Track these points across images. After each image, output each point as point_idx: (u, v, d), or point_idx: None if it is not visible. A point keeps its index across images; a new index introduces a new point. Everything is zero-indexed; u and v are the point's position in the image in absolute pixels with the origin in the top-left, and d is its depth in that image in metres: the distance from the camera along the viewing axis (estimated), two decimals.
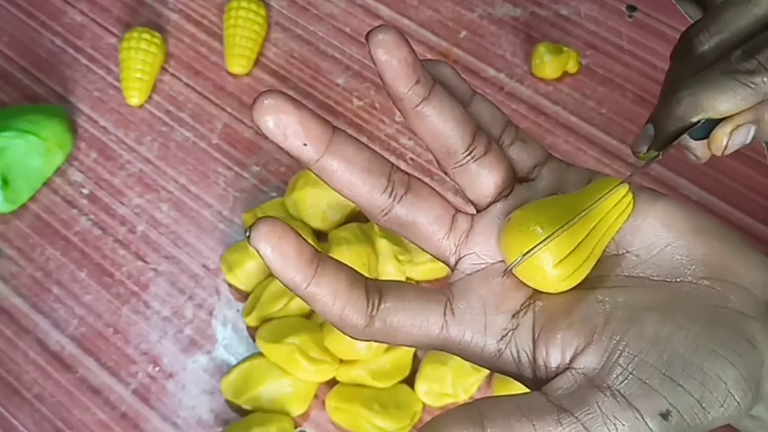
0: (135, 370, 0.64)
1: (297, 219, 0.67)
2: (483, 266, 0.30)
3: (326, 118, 0.79)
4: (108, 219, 0.71)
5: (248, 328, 0.65)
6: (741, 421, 0.28)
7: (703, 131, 0.33)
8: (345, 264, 0.28)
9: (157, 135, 0.74)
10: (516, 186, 0.30)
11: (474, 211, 0.31)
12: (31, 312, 0.67)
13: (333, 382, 0.62)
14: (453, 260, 0.30)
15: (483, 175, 0.29)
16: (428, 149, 0.29)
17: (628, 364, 0.25)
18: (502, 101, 0.74)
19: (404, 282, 0.29)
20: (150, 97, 0.76)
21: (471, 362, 0.29)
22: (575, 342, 0.26)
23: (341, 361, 0.62)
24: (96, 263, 0.69)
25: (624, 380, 0.25)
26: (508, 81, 0.75)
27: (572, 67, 0.75)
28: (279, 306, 0.62)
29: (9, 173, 0.69)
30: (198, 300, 0.67)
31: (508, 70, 0.76)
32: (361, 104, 0.75)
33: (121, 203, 0.71)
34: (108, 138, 0.74)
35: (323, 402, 0.62)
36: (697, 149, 0.35)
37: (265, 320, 0.63)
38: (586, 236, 0.28)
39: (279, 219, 0.26)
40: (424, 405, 0.61)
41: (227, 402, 0.63)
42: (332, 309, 0.27)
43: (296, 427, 0.61)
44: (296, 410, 0.61)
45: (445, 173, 0.30)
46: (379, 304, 0.27)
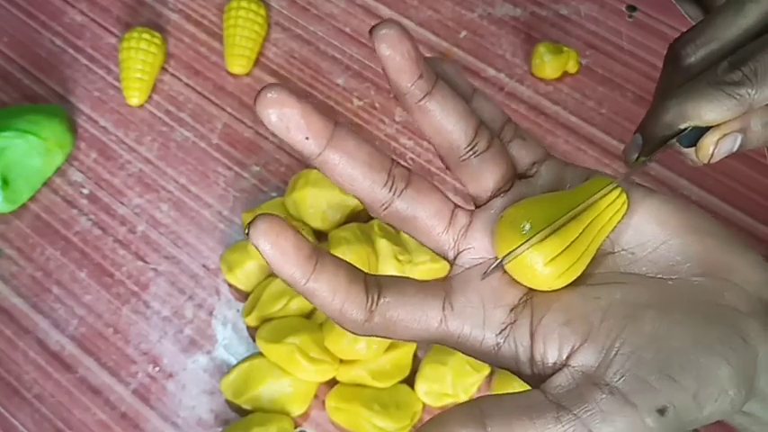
0: (135, 370, 0.64)
1: (297, 219, 0.67)
2: (481, 261, 0.30)
3: None
4: (108, 219, 0.71)
5: (248, 328, 0.65)
6: (734, 417, 0.28)
7: (691, 139, 0.33)
8: (344, 260, 0.28)
9: (157, 135, 0.74)
10: (516, 182, 0.31)
11: (473, 207, 0.31)
12: (31, 312, 0.67)
13: (333, 382, 0.62)
14: (452, 254, 0.30)
15: (485, 170, 0.30)
16: (431, 144, 0.30)
17: (625, 361, 0.25)
18: (502, 101, 0.74)
19: (403, 277, 0.29)
20: (150, 97, 0.76)
21: (470, 355, 0.29)
22: (572, 339, 0.27)
23: (341, 361, 0.62)
24: (96, 263, 0.69)
25: (622, 377, 0.25)
26: (508, 81, 0.75)
27: (572, 67, 0.75)
28: (279, 306, 0.62)
29: (9, 173, 0.69)
30: (198, 300, 0.67)
31: (508, 70, 0.76)
32: (361, 104, 0.75)
33: (121, 203, 0.71)
34: (108, 138, 0.74)
35: (323, 402, 0.62)
36: (690, 154, 0.35)
37: (265, 320, 0.63)
38: (580, 234, 0.28)
39: (277, 215, 0.26)
40: (424, 405, 0.61)
41: (227, 402, 0.63)
42: (331, 304, 0.27)
43: (296, 427, 0.61)
44: (296, 410, 0.61)
45: (447, 167, 0.30)
46: (378, 299, 0.28)
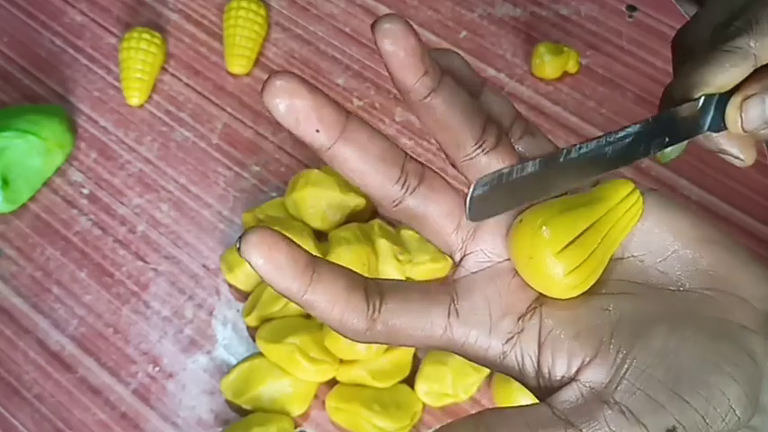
0: (135, 370, 0.64)
1: (297, 219, 0.67)
2: (489, 265, 0.29)
3: None
4: (108, 219, 0.70)
5: (248, 328, 0.65)
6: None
7: (719, 120, 0.32)
8: (343, 267, 0.27)
9: (157, 135, 0.74)
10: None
11: None
12: (31, 312, 0.67)
13: (333, 382, 0.62)
14: (459, 256, 0.29)
15: (492, 169, 0.28)
16: (435, 141, 0.28)
17: (635, 379, 0.25)
18: None
19: (406, 281, 0.28)
20: (150, 97, 0.76)
21: (473, 362, 0.28)
22: (581, 354, 0.26)
23: (341, 361, 0.61)
24: (96, 263, 0.69)
25: (632, 395, 0.24)
26: (508, 81, 0.75)
27: (572, 67, 0.75)
28: (279, 306, 0.62)
29: (9, 173, 0.69)
30: (198, 300, 0.67)
31: (508, 70, 0.76)
32: (361, 104, 0.75)
33: (121, 203, 0.71)
34: (108, 138, 0.74)
35: (323, 402, 0.62)
36: (731, 148, 0.33)
37: (265, 320, 0.63)
38: (599, 244, 0.28)
39: (268, 227, 0.25)
40: (424, 405, 0.61)
41: (227, 402, 0.63)
42: (331, 314, 0.26)
43: (296, 427, 0.61)
44: (296, 410, 0.61)
45: (453, 165, 0.29)
46: (380, 306, 0.26)
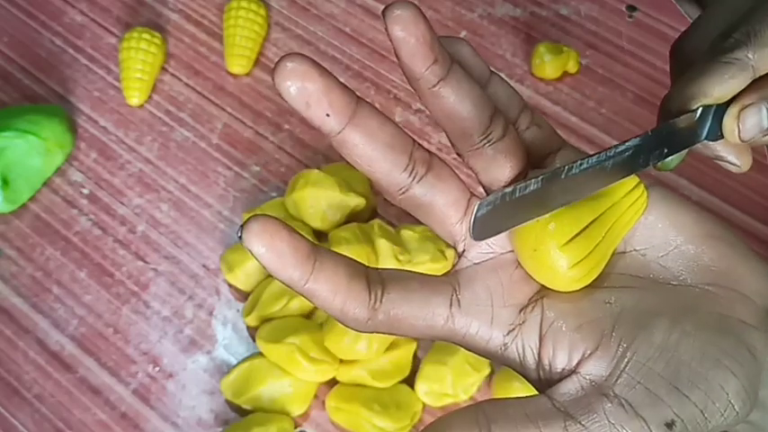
0: (135, 370, 0.64)
1: (297, 219, 0.67)
2: (492, 256, 0.29)
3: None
4: (108, 219, 0.70)
5: (248, 328, 0.65)
6: (734, 426, 0.28)
7: (715, 130, 0.32)
8: (345, 256, 0.27)
9: (157, 135, 0.74)
10: (530, 173, 0.29)
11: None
12: (31, 312, 0.67)
13: (333, 382, 0.62)
14: (462, 246, 0.29)
15: (498, 160, 0.28)
16: (443, 130, 0.28)
17: (635, 373, 0.25)
18: None
19: (407, 271, 0.28)
20: (150, 97, 0.76)
21: (474, 353, 0.28)
22: (582, 346, 0.26)
23: (341, 361, 0.61)
24: (96, 263, 0.69)
25: (631, 389, 0.25)
26: (508, 81, 0.75)
27: (572, 67, 0.75)
28: (279, 306, 0.62)
29: (9, 173, 0.69)
30: (198, 300, 0.67)
31: (508, 70, 0.76)
32: None
33: (121, 203, 0.71)
34: (108, 138, 0.74)
35: (323, 402, 0.62)
36: (728, 155, 0.33)
37: (265, 320, 0.63)
38: (603, 236, 0.28)
39: (270, 216, 0.25)
40: (424, 405, 0.61)
41: (227, 402, 0.63)
42: (332, 303, 0.26)
43: (296, 427, 0.61)
44: (296, 410, 0.61)
45: (459, 155, 0.29)
46: (381, 296, 0.26)
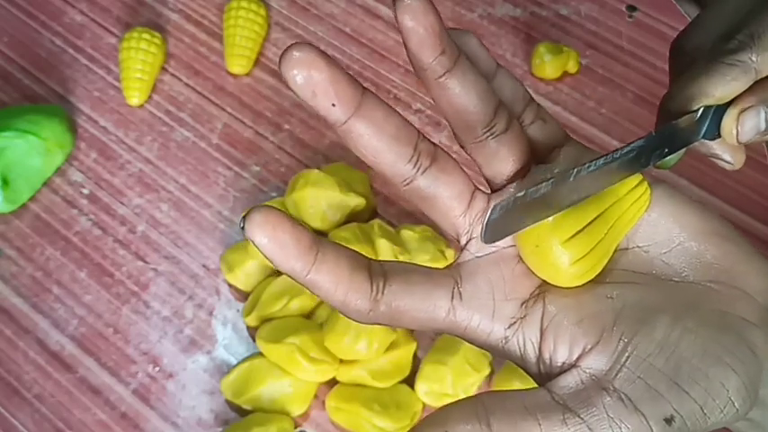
0: (135, 370, 0.64)
1: (297, 219, 0.67)
2: (494, 250, 0.29)
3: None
4: (108, 219, 0.70)
5: (248, 328, 0.65)
6: (734, 423, 0.28)
7: (713, 130, 0.32)
8: (347, 248, 0.27)
9: (157, 135, 0.74)
10: (533, 168, 0.30)
11: (488, 190, 0.30)
12: (31, 312, 0.67)
13: (333, 382, 0.62)
14: (465, 239, 0.29)
15: (501, 154, 0.28)
16: (447, 122, 0.28)
17: (636, 368, 0.25)
18: None
19: (410, 264, 0.28)
20: (150, 97, 0.76)
21: (475, 345, 0.28)
22: (583, 340, 0.26)
23: (341, 361, 0.62)
24: (96, 263, 0.69)
25: (631, 383, 0.25)
26: None
27: (572, 67, 0.75)
28: (279, 306, 0.62)
29: (9, 173, 0.69)
30: (198, 300, 0.67)
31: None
32: None
33: (121, 203, 0.71)
34: (108, 138, 0.74)
35: (323, 402, 0.62)
36: (723, 153, 0.34)
37: (265, 320, 0.63)
38: (606, 233, 0.28)
39: (273, 207, 0.25)
40: (424, 405, 0.61)
41: (227, 402, 0.63)
42: (334, 295, 0.26)
43: (296, 427, 0.61)
44: (296, 410, 0.61)
45: (462, 147, 0.29)
46: (383, 287, 0.27)
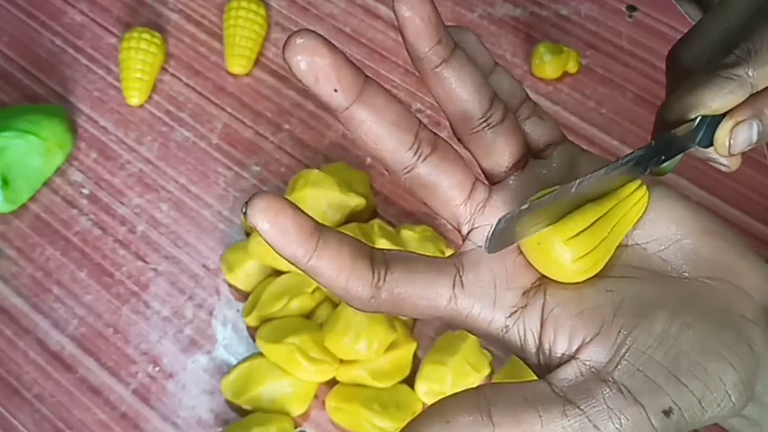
0: (135, 370, 0.64)
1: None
2: None
3: (326, 119, 0.78)
4: (108, 219, 0.71)
5: (248, 328, 0.65)
6: (729, 419, 0.28)
7: (708, 138, 0.33)
8: (349, 235, 0.27)
9: (157, 135, 0.74)
10: (531, 162, 0.30)
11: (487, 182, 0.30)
12: (31, 312, 0.67)
13: (333, 382, 0.62)
14: (467, 229, 0.29)
15: (498, 144, 0.29)
16: (443, 113, 0.29)
17: (635, 360, 0.25)
18: None
19: (411, 252, 0.29)
20: (150, 97, 0.76)
21: (476, 335, 0.29)
22: (582, 332, 0.26)
23: (341, 361, 0.62)
24: (96, 263, 0.69)
25: (631, 375, 0.25)
26: None
27: (572, 67, 0.75)
28: (279, 306, 0.62)
29: (9, 173, 0.69)
30: (198, 300, 0.67)
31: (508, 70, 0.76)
32: None
33: (121, 203, 0.71)
34: (108, 138, 0.74)
35: (323, 402, 0.62)
36: (719, 157, 0.34)
37: (265, 320, 0.63)
38: (609, 233, 0.28)
39: (274, 194, 0.26)
40: (424, 405, 0.61)
41: (227, 402, 0.63)
42: (336, 281, 0.26)
43: (296, 427, 0.61)
44: (296, 410, 0.61)
45: (459, 139, 0.29)
46: (385, 275, 0.27)
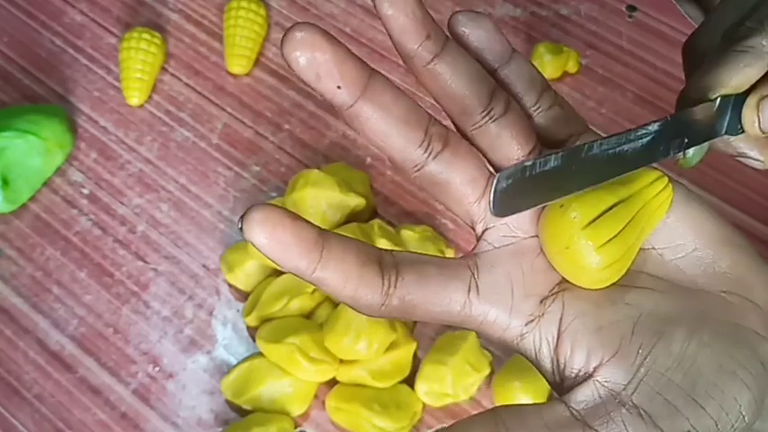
0: (135, 370, 0.64)
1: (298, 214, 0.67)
2: (513, 241, 0.28)
3: (326, 119, 0.78)
4: (108, 219, 0.70)
5: (248, 328, 0.65)
6: None
7: (736, 122, 0.32)
8: (355, 240, 0.26)
9: (157, 135, 0.74)
10: (544, 151, 0.28)
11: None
12: (31, 312, 0.67)
13: (333, 382, 0.62)
14: (481, 228, 0.28)
15: (504, 136, 0.27)
16: (443, 111, 0.28)
17: (654, 383, 0.25)
18: None
19: (423, 255, 0.27)
20: (150, 97, 0.76)
21: (490, 340, 0.27)
22: (600, 351, 0.25)
23: (341, 361, 0.62)
24: (96, 263, 0.69)
25: (650, 399, 0.24)
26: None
27: (572, 67, 0.75)
28: (279, 306, 0.62)
29: (9, 173, 0.69)
30: (198, 300, 0.67)
31: None
32: None
33: (121, 203, 0.71)
34: (108, 138, 0.74)
35: (323, 402, 0.62)
36: (750, 150, 0.33)
37: (265, 320, 0.63)
38: (635, 239, 0.27)
39: (272, 204, 0.24)
40: (424, 405, 0.61)
41: (227, 402, 0.63)
42: (343, 291, 0.25)
43: (296, 427, 0.61)
44: (296, 410, 0.61)
45: (463, 135, 0.28)
46: (395, 281, 0.26)
